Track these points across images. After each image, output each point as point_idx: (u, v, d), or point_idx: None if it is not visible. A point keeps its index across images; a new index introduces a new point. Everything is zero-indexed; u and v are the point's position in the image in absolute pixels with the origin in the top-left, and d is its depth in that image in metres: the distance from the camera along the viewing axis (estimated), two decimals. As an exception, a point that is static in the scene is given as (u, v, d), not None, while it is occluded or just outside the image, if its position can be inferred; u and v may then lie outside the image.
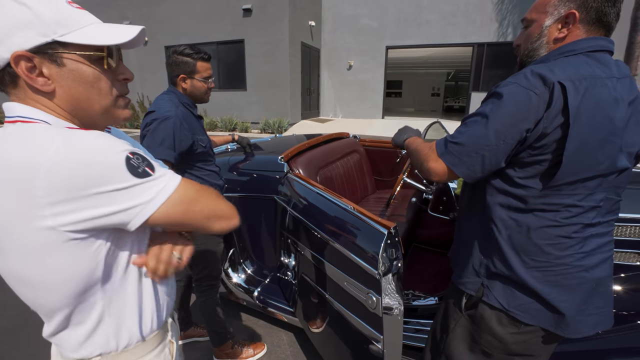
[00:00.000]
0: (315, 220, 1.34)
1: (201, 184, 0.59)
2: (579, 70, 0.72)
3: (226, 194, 2.03)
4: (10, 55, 0.47)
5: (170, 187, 0.53)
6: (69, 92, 0.53)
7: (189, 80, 1.40)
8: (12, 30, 0.47)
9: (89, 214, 0.47)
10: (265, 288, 1.92)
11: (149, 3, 11.43)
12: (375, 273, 0.97)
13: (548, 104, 0.71)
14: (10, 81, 0.51)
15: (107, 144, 0.48)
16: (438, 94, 21.06)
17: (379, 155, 2.85)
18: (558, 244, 0.78)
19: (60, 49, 0.50)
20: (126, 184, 0.48)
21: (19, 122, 0.50)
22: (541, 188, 0.76)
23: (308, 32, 11.02)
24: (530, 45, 0.85)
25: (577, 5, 0.77)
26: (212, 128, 10.69)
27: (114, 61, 0.56)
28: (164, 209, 0.52)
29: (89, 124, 0.57)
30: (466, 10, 10.35)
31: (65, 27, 0.50)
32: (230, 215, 0.61)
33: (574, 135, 0.70)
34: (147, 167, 0.51)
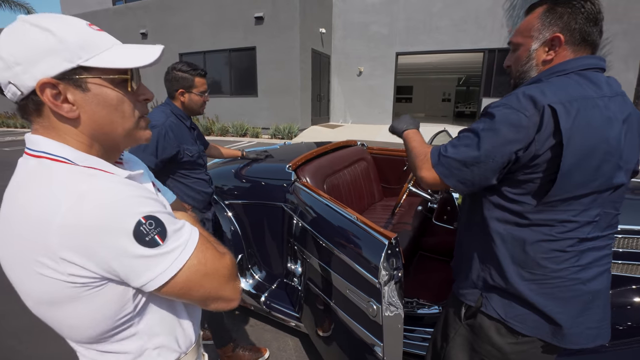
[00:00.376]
0: (320, 228, 1.38)
1: (219, 255, 0.57)
2: (570, 91, 0.74)
3: (235, 201, 2.10)
4: (36, 83, 0.47)
5: (174, 268, 0.50)
6: (93, 117, 0.52)
7: (187, 94, 1.50)
8: (37, 58, 0.46)
9: (99, 269, 0.47)
10: (272, 293, 1.96)
11: (165, 12, 11.77)
12: (375, 282, 1.00)
13: (539, 127, 0.73)
14: (34, 109, 0.50)
15: (120, 206, 0.47)
16: (449, 99, 20.93)
17: (386, 163, 2.87)
18: (553, 258, 0.80)
19: (85, 73, 0.50)
20: (132, 251, 0.47)
21: (43, 159, 0.50)
22: (535, 204, 0.78)
23: (318, 39, 11.16)
24: (521, 67, 0.88)
25: (561, 28, 0.80)
26: (224, 133, 10.88)
27: (136, 83, 0.56)
28: (159, 289, 0.50)
29: (111, 147, 0.57)
30: (477, 16, 10.32)
31: (89, 52, 0.49)
32: (231, 299, 0.58)
33: (568, 156, 0.72)
34: (158, 235, 0.49)
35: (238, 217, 2.11)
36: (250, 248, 2.11)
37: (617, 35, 9.13)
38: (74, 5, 17.75)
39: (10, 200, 0.49)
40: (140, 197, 0.49)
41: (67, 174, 0.49)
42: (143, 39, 12.41)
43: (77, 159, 0.51)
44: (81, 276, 0.47)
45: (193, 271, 0.52)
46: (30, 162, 0.51)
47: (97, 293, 0.49)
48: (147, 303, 0.56)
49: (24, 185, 0.49)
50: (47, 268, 0.46)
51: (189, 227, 0.55)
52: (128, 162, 0.66)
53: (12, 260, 0.49)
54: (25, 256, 0.47)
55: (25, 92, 0.48)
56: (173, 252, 0.50)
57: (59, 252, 0.45)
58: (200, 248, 0.54)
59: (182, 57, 11.90)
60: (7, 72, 0.47)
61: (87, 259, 0.46)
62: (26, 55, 0.46)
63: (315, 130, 10.74)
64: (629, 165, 0.79)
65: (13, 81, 0.47)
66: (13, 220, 0.48)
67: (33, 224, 0.45)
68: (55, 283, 0.47)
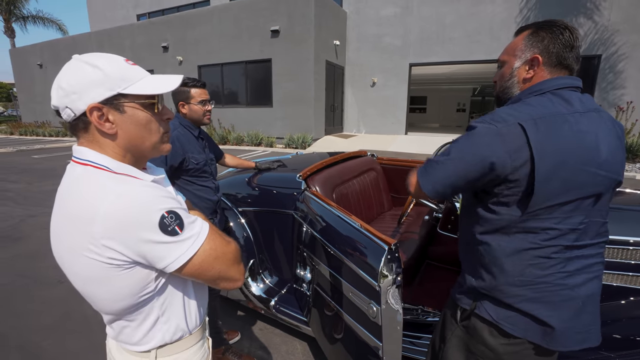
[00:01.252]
0: (327, 235, 1.46)
1: (225, 243, 0.69)
2: (542, 109, 0.83)
3: (248, 208, 2.20)
4: (86, 107, 0.60)
5: (191, 252, 0.63)
6: (127, 133, 0.65)
7: (187, 105, 1.63)
8: (88, 87, 0.60)
9: (132, 254, 0.59)
10: (281, 298, 2.04)
11: (185, 26, 12.29)
12: (375, 285, 1.07)
13: (511, 141, 0.80)
14: (83, 127, 0.64)
15: (148, 203, 0.60)
16: (464, 109, 20.75)
17: (396, 173, 2.93)
18: (538, 264, 0.85)
19: (122, 99, 0.63)
20: (157, 239, 0.59)
21: (89, 166, 0.63)
22: (520, 215, 0.84)
23: (333, 51, 11.38)
24: (504, 83, 0.97)
25: (540, 50, 0.90)
26: (239, 142, 11.14)
27: (161, 105, 0.69)
28: (180, 270, 0.63)
29: (140, 157, 0.70)
30: (490, 27, 10.32)
31: (127, 82, 0.63)
32: (237, 279, 0.71)
33: (541, 167, 0.78)
34: (177, 226, 0.61)
35: (250, 223, 2.21)
36: (262, 254, 2.20)
37: (636, 45, 8.96)
38: (101, 21, 18.79)
39: (63, 200, 0.63)
40: (163, 197, 0.62)
41: (107, 179, 0.62)
42: (164, 52, 12.96)
43: (114, 167, 0.64)
44: (117, 259, 0.59)
45: (206, 255, 0.65)
46: (77, 168, 0.64)
47: (128, 273, 0.61)
48: (166, 284, 0.69)
49: (74, 187, 0.62)
50: (92, 252, 0.59)
51: (201, 220, 0.68)
52: (151, 168, 0.80)
53: (66, 246, 0.62)
54: (76, 242, 0.60)
55: (77, 114, 0.62)
56: (189, 239, 0.63)
57: (101, 240, 0.57)
58: (210, 236, 0.67)
59: (200, 69, 12.35)
60: (66, 98, 0.61)
61: (122, 245, 0.58)
62: (80, 85, 0.60)
63: (329, 140, 10.86)
64: (609, 175, 0.83)
65: (69, 106, 0.61)
66: (66, 215, 0.62)
67: (82, 217, 0.58)
68: (97, 264, 0.60)
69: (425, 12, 11.05)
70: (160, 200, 0.61)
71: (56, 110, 0.63)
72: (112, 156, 0.65)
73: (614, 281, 1.46)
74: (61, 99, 0.61)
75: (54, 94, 0.62)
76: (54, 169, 7.68)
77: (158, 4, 17.10)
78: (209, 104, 1.68)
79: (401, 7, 11.33)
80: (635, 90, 9.05)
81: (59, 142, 13.41)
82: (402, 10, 11.33)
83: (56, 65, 16.26)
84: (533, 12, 9.86)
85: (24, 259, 3.24)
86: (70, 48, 15.64)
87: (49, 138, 14.89)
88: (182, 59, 12.60)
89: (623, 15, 8.99)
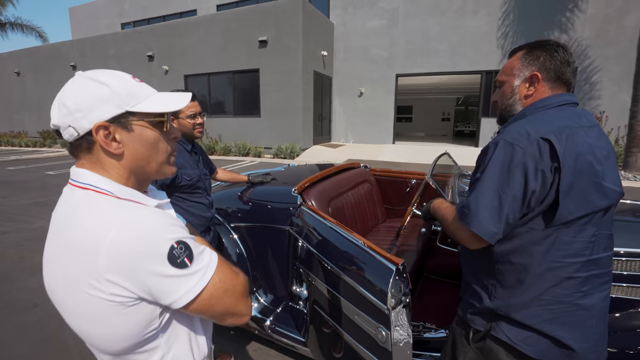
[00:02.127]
0: (327, 254, 1.41)
1: (234, 274, 0.64)
2: (556, 123, 0.84)
3: (241, 224, 2.13)
4: (92, 125, 0.56)
5: (200, 286, 0.57)
6: (134, 153, 0.61)
7: (176, 120, 1.56)
8: (94, 105, 0.56)
9: (137, 289, 0.54)
10: (277, 317, 1.96)
11: (171, 35, 12.18)
12: (384, 308, 1.02)
13: (539, 155, 0.80)
14: (86, 147, 0.59)
15: (157, 232, 0.55)
16: (448, 118, 21.23)
17: (389, 185, 2.92)
18: (560, 284, 0.84)
19: (131, 117, 0.59)
20: (166, 272, 0.54)
21: (90, 191, 0.58)
22: (543, 229, 0.83)
23: (320, 62, 11.48)
24: (506, 102, 0.99)
25: (538, 67, 0.92)
26: (226, 153, 11.00)
27: (169, 124, 0.66)
28: (187, 306, 0.57)
29: (144, 179, 0.66)
30: (473, 40, 10.67)
31: (135, 99, 0.59)
32: (244, 314, 0.65)
33: (565, 177, 0.79)
34: (187, 258, 0.56)
35: (243, 239, 2.13)
36: (256, 271, 2.11)
37: (609, 58, 9.41)
38: (84, 30, 18.44)
39: (60, 228, 0.57)
40: (172, 225, 0.58)
41: (110, 205, 0.57)
42: (150, 61, 12.78)
43: (117, 192, 0.60)
44: (120, 295, 0.53)
45: (216, 288, 0.60)
46: (76, 192, 0.59)
47: (132, 311, 0.55)
48: (171, 319, 0.63)
49: (73, 213, 0.57)
50: (93, 287, 0.53)
51: (209, 250, 0.63)
52: (152, 191, 0.74)
53: (62, 280, 0.56)
54: (75, 276, 0.54)
55: (82, 133, 0.58)
56: (199, 272, 0.58)
57: (104, 274, 0.52)
58: (219, 268, 0.62)
59: (187, 78, 12.22)
60: (69, 117, 0.57)
61: (127, 280, 0.53)
62: (86, 103, 0.56)
63: (317, 149, 10.86)
64: (615, 188, 0.86)
65: (73, 124, 0.57)
66: (64, 245, 0.55)
67: (84, 248, 0.53)
68: (97, 301, 0.53)
69: (411, 25, 11.34)
70: (169, 229, 0.57)
71: (56, 130, 0.59)
72: (115, 179, 0.61)
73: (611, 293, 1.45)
74: (64, 117, 0.57)
75: (55, 112, 0.58)
76: (29, 182, 7.35)
77: (143, 13, 16.93)
78: (199, 116, 1.60)
79: (387, 20, 11.59)
80: (609, 100, 9.47)
81: (36, 152, 12.91)
82: (388, 22, 11.58)
83: (35, 74, 15.78)
84: (512, 27, 10.25)
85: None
86: (51, 56, 15.22)
87: (26, 149, 14.33)
88: (167, 69, 12.44)
89: (595, 30, 9.46)
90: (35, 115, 15.81)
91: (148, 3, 16.64)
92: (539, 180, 0.80)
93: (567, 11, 9.67)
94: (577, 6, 9.56)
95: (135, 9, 17.11)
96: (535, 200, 0.82)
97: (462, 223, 0.89)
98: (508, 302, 0.89)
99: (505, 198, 0.82)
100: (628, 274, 1.43)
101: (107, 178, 0.60)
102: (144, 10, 16.86)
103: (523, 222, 0.85)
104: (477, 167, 0.93)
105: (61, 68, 14.71)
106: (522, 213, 0.84)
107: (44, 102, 15.20)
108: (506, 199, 0.82)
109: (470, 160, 9.05)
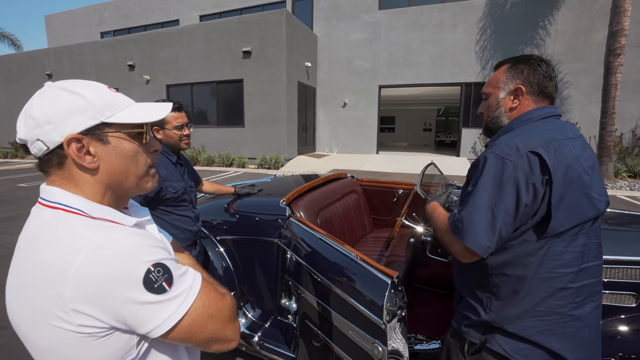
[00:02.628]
0: (319, 268, 1.38)
1: (220, 297, 0.59)
2: (543, 135, 0.85)
3: (227, 237, 2.07)
4: (63, 138, 0.52)
5: (180, 312, 0.52)
6: (111, 167, 0.57)
7: (162, 131, 1.52)
8: (66, 117, 0.52)
9: (109, 318, 0.49)
10: (265, 333, 1.89)
11: (152, 45, 12.02)
12: (380, 322, 1.00)
13: (529, 169, 0.81)
14: (57, 162, 0.54)
15: (131, 255, 0.50)
16: (430, 129, 21.79)
17: (376, 195, 2.92)
18: (554, 295, 0.85)
19: (107, 128, 0.55)
20: (141, 298, 0.49)
21: (59, 210, 0.53)
22: (536, 240, 0.84)
23: (304, 73, 11.58)
24: (492, 114, 1.01)
25: (522, 81, 0.95)
26: (210, 163, 10.82)
27: (149, 135, 0.62)
28: (165, 335, 0.52)
29: (122, 195, 0.61)
30: (452, 53, 11.06)
31: (111, 110, 0.55)
32: (231, 340, 0.60)
33: (556, 189, 0.80)
34: (165, 282, 0.51)
35: (230, 252, 2.07)
36: (243, 285, 2.05)
37: (579, 72, 9.95)
38: (61, 39, 17.94)
39: (25, 250, 0.52)
40: (149, 247, 0.53)
41: (81, 225, 0.52)
42: (130, 71, 12.53)
43: (90, 210, 0.54)
44: (90, 326, 0.48)
45: (198, 313, 0.55)
46: (45, 212, 0.54)
47: (103, 343, 0.50)
48: (150, 349, 0.57)
49: (39, 235, 0.52)
50: (58, 319, 0.47)
51: (192, 271, 0.58)
52: (132, 207, 0.69)
53: (25, 310, 0.50)
54: (37, 306, 0.48)
55: (51, 147, 0.53)
56: (179, 296, 0.53)
57: (71, 304, 0.47)
58: (203, 290, 0.57)
59: (169, 88, 12.04)
60: (37, 130, 0.52)
61: (97, 309, 0.48)
62: (57, 114, 0.52)
63: (302, 160, 10.85)
64: (601, 197, 0.88)
65: (41, 138, 0.52)
66: (28, 269, 0.51)
67: (48, 274, 0.48)
68: (63, 333, 0.48)
69: (393, 38, 11.65)
70: (146, 250, 0.52)
71: (23, 144, 0.54)
72: (89, 196, 0.56)
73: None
74: (31, 130, 0.52)
75: (21, 125, 0.53)
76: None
77: (124, 23, 16.67)
78: (186, 128, 1.56)
79: (369, 32, 11.87)
80: (580, 113, 9.97)
81: (7, 164, 12.29)
82: (371, 35, 11.86)
83: (7, 82, 15.15)
84: (489, 42, 10.70)
85: (-39, 301, 2.81)
86: (24, 64, 14.69)
87: (-4, 160, 13.64)
88: (149, 78, 12.22)
89: (565, 46, 10.01)
90: (7, 125, 15.11)
91: (129, 12, 16.42)
92: (530, 194, 0.81)
93: (538, 27, 10.20)
94: (546, 23, 10.11)
95: (115, 18, 16.83)
96: (527, 213, 0.82)
97: (455, 237, 0.89)
98: (503, 314, 0.89)
99: (497, 212, 0.82)
100: (608, 280, 1.47)
101: (79, 196, 0.55)
102: (125, 19, 16.61)
103: (516, 234, 0.85)
104: (467, 180, 0.93)
105: (36, 77, 14.20)
106: (514, 227, 0.84)
107: (16, 112, 14.52)
108: (499, 213, 0.82)
109: (453, 170, 9.22)
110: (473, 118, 11.03)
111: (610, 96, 7.03)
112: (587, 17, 9.71)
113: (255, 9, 13.60)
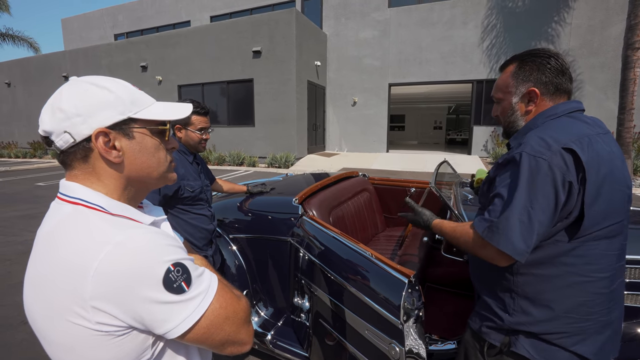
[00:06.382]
0: (332, 265, 1.37)
1: (236, 298, 0.59)
2: (573, 130, 0.81)
3: (240, 235, 2.08)
4: (91, 131, 0.53)
5: (198, 313, 0.52)
6: (134, 162, 0.58)
7: (184, 130, 1.53)
8: (96, 110, 0.53)
9: (127, 317, 0.49)
10: (278, 331, 1.90)
11: (165, 46, 12.18)
12: (397, 322, 0.99)
13: (565, 166, 0.77)
14: (82, 156, 0.55)
15: (152, 253, 0.50)
16: (440, 127, 21.50)
17: (388, 193, 2.90)
18: (589, 301, 0.82)
19: (133, 124, 0.57)
20: (160, 298, 0.49)
21: (80, 206, 0.53)
22: (568, 240, 0.81)
23: (314, 71, 11.57)
24: (508, 118, 0.97)
25: (533, 83, 0.89)
26: (221, 162, 10.93)
27: (170, 133, 0.64)
28: (183, 336, 0.52)
29: (141, 190, 0.62)
30: (463, 50, 10.89)
31: (138, 106, 0.57)
32: (246, 343, 0.60)
33: (590, 187, 0.76)
34: (184, 282, 0.51)
35: (243, 251, 2.08)
36: (255, 283, 2.06)
37: (595, 68, 9.68)
38: (77, 41, 18.37)
39: (45, 247, 0.52)
40: (169, 246, 0.53)
41: (102, 222, 0.52)
42: (143, 72, 12.73)
43: (109, 207, 0.55)
44: (108, 324, 0.48)
45: (215, 315, 0.54)
46: (65, 207, 0.54)
47: (119, 342, 0.50)
48: (165, 349, 0.57)
49: (59, 231, 0.52)
50: (76, 315, 0.47)
51: (209, 272, 0.58)
52: (147, 206, 0.70)
53: (43, 306, 0.50)
54: (55, 302, 0.48)
55: (78, 140, 0.53)
56: (197, 297, 0.53)
57: (90, 301, 0.47)
58: (220, 292, 0.57)
59: (180, 88, 12.19)
60: (66, 122, 0.52)
61: (116, 307, 0.48)
62: (87, 108, 0.53)
63: (312, 158, 10.86)
64: (630, 193, 0.85)
65: (69, 130, 0.53)
66: (48, 267, 0.49)
67: (68, 270, 0.47)
68: (80, 330, 0.48)
69: (403, 35, 11.53)
70: (166, 249, 0.51)
71: (46, 136, 0.54)
72: (110, 191, 0.57)
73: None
74: (59, 122, 0.52)
75: (47, 117, 0.53)
76: (18, 193, 7.18)
77: (137, 25, 16.95)
78: (207, 132, 1.59)
79: (379, 30, 11.78)
80: (597, 109, 9.69)
81: (26, 163, 12.66)
82: (380, 33, 11.77)
83: (26, 84, 15.58)
84: (501, 37, 10.50)
85: (-17, 296, 2.91)
86: (42, 66, 15.07)
87: (15, 160, 14.05)
88: (161, 79, 12.40)
89: (580, 40, 9.75)
90: (25, 126, 15.57)
91: (142, 14, 16.69)
92: (566, 192, 0.77)
93: (552, 22, 9.96)
94: (561, 18, 9.85)
95: (129, 21, 17.13)
96: (564, 212, 0.79)
97: (487, 242, 0.84)
98: (528, 316, 0.86)
99: (534, 213, 0.77)
100: (629, 281, 1.42)
101: (99, 192, 0.56)
102: (137, 21, 16.89)
103: (549, 234, 0.82)
104: (494, 181, 0.88)
105: (53, 78, 14.57)
106: (552, 227, 0.80)
107: (34, 113, 14.97)
108: (535, 215, 0.77)
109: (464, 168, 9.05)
110: (485, 115, 10.85)
111: (628, 91, 6.80)
112: (603, 11, 9.43)
113: (265, 9, 13.65)
